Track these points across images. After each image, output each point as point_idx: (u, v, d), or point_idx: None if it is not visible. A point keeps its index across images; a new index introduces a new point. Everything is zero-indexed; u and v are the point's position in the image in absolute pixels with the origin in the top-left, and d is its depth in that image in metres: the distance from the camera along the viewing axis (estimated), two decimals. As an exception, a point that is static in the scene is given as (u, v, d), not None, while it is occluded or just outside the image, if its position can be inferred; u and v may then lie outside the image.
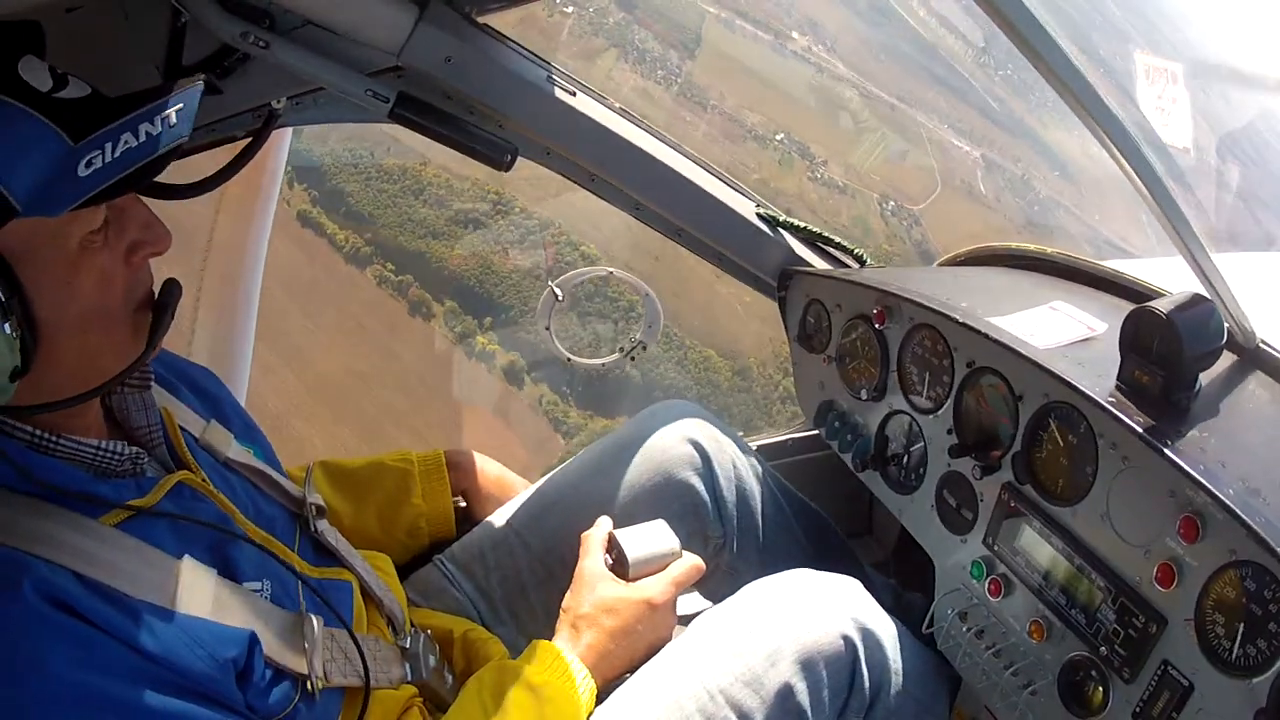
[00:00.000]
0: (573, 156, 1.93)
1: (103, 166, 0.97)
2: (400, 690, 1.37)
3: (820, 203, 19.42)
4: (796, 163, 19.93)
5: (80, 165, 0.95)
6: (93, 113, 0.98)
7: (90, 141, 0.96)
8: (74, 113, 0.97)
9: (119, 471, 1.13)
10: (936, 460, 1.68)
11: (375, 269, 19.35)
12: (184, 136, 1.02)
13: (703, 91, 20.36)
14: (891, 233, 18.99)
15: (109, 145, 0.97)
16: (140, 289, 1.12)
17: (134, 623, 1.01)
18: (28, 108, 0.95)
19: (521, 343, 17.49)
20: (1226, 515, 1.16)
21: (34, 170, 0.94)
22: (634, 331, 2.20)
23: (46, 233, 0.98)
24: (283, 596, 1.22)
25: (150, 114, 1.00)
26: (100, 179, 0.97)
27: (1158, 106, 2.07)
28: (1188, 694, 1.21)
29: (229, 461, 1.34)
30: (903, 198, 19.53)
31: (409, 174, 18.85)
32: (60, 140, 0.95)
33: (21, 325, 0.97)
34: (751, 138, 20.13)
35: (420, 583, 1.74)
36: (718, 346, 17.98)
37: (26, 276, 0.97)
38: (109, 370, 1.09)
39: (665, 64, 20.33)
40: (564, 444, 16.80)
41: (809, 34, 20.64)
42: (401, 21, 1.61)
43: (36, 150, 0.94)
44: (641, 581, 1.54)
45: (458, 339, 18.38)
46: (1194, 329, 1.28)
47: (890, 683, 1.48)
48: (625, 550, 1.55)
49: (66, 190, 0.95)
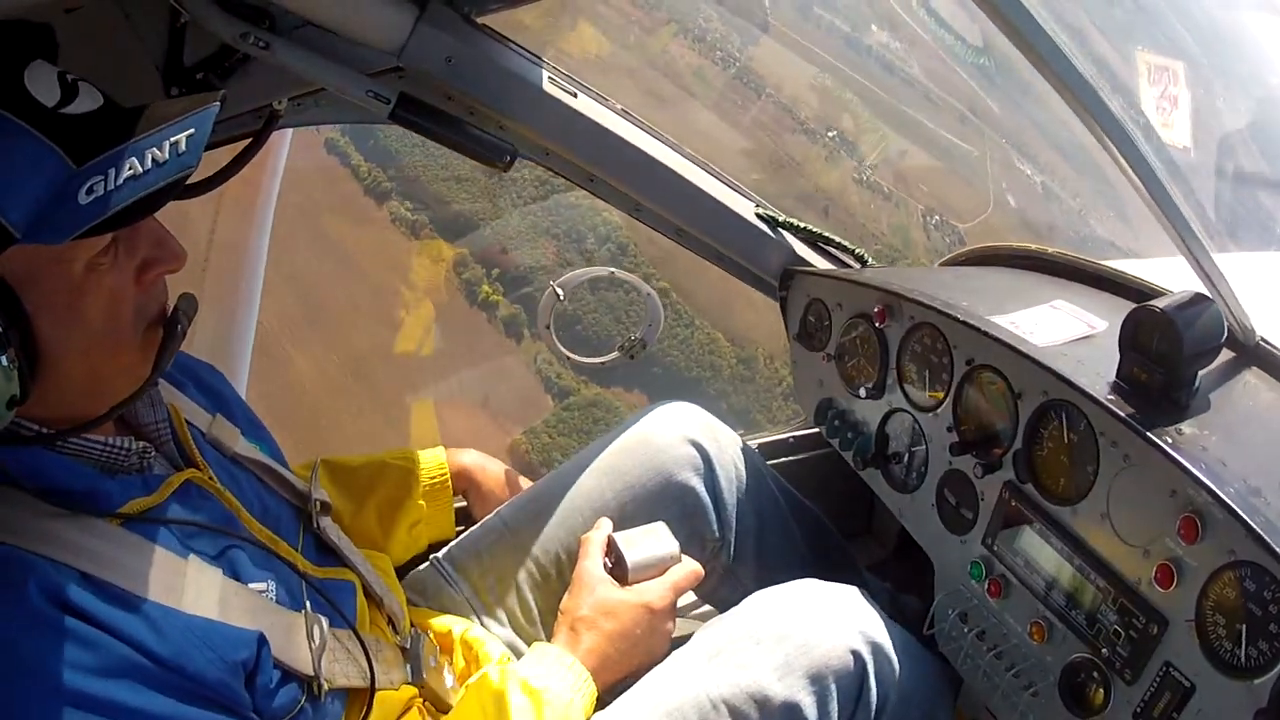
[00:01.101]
0: (572, 157, 1.93)
1: (104, 194, 0.93)
2: (400, 690, 1.37)
3: (862, 206, 19.24)
4: (844, 162, 19.69)
5: (81, 192, 0.92)
6: (99, 131, 0.95)
7: (93, 166, 0.93)
8: (78, 131, 0.94)
9: (125, 467, 1.13)
10: (937, 458, 1.68)
11: (393, 204, 19.30)
12: (192, 167, 0.99)
13: (760, 79, 20.04)
14: (932, 246, 18.75)
15: (112, 171, 0.94)
16: (153, 306, 1.09)
17: (141, 624, 1.00)
18: (29, 126, 0.92)
19: (526, 299, 17.40)
20: (1226, 515, 1.16)
21: (33, 195, 0.91)
22: (634, 330, 2.20)
23: (50, 257, 0.96)
24: (287, 597, 1.22)
25: (160, 138, 0.97)
26: (102, 207, 0.93)
27: (1159, 105, 2.07)
28: (1189, 695, 1.21)
29: (236, 456, 1.34)
30: (949, 213, 19.23)
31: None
32: (61, 163, 0.92)
33: (20, 356, 0.95)
34: (802, 130, 19.85)
35: (419, 582, 1.74)
36: (727, 331, 17.87)
37: (30, 301, 0.95)
38: (120, 388, 1.07)
39: (726, 45, 19.93)
40: (552, 405, 16.71)
41: (886, 30, 20.08)
42: (401, 22, 1.61)
43: (35, 174, 0.91)
44: (641, 585, 1.54)
45: (463, 285, 18.26)
46: (1194, 327, 1.28)
47: (895, 691, 1.48)
48: (625, 554, 1.55)
49: (67, 218, 0.92)
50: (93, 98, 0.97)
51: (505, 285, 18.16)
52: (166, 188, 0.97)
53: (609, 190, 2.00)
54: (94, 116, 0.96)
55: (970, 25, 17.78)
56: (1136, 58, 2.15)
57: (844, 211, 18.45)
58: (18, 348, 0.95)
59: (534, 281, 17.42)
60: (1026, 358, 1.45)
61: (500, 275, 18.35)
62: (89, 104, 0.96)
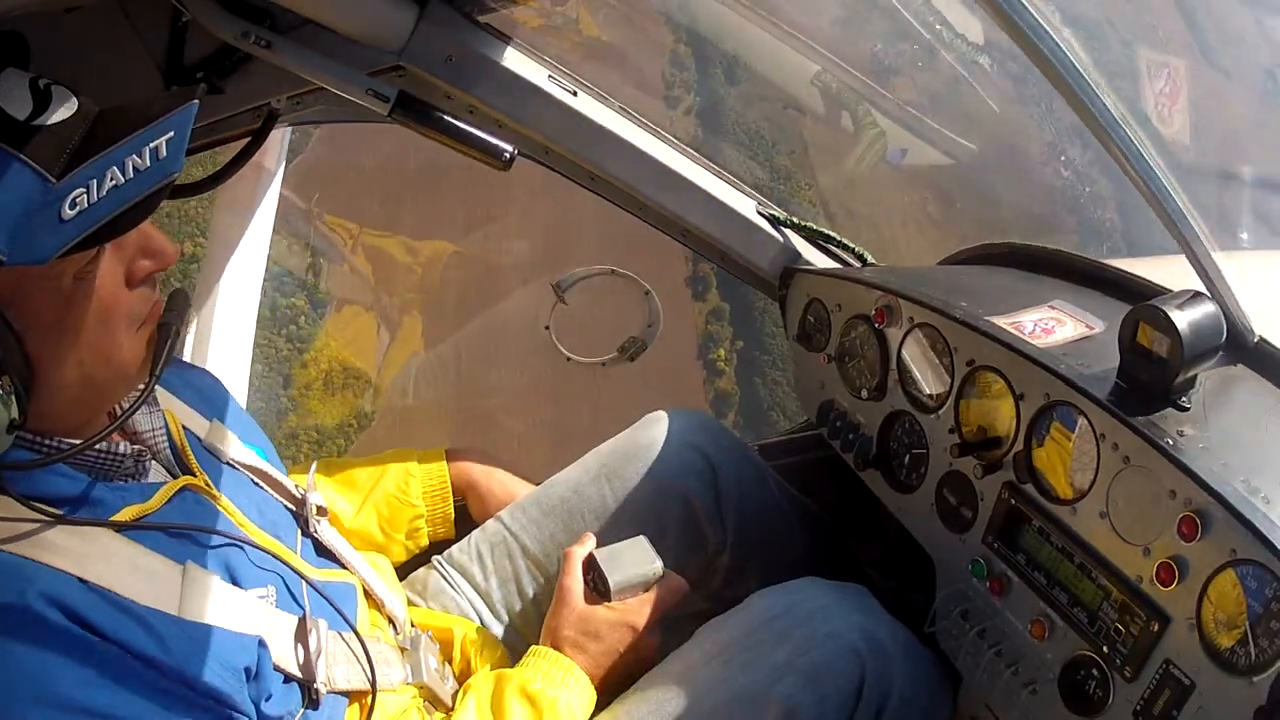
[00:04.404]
0: (573, 156, 1.93)
1: (88, 208, 0.90)
2: (400, 691, 1.37)
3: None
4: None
5: (64, 206, 0.89)
6: (75, 141, 0.92)
7: (73, 179, 0.90)
8: (55, 143, 0.91)
9: (122, 474, 1.12)
10: (937, 459, 1.68)
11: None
12: (175, 172, 0.95)
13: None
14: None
15: (94, 183, 0.91)
16: (145, 307, 1.07)
17: (141, 632, 0.99)
18: (5, 145, 0.88)
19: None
20: (1227, 514, 1.16)
21: (13, 216, 0.87)
22: (634, 330, 2.19)
23: (36, 274, 0.93)
24: (288, 601, 1.21)
25: (138, 144, 0.93)
26: (86, 222, 0.91)
27: (1159, 102, 2.07)
28: (1189, 692, 1.21)
29: (233, 462, 1.33)
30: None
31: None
32: (39, 180, 0.89)
33: (14, 380, 0.93)
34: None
35: (419, 583, 1.74)
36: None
37: (18, 320, 0.94)
38: (117, 393, 1.06)
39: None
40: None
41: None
42: (402, 21, 1.61)
43: (13, 193, 0.88)
44: (624, 604, 1.54)
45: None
46: (1194, 327, 1.28)
47: (895, 692, 1.48)
48: (606, 573, 1.55)
49: (51, 237, 0.89)
50: (66, 103, 0.93)
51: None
52: (152, 195, 0.94)
53: (610, 189, 2.00)
54: (69, 125, 0.93)
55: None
56: (1136, 55, 2.15)
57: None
58: (12, 372, 0.93)
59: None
60: (1027, 359, 1.45)
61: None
62: (63, 112, 0.93)
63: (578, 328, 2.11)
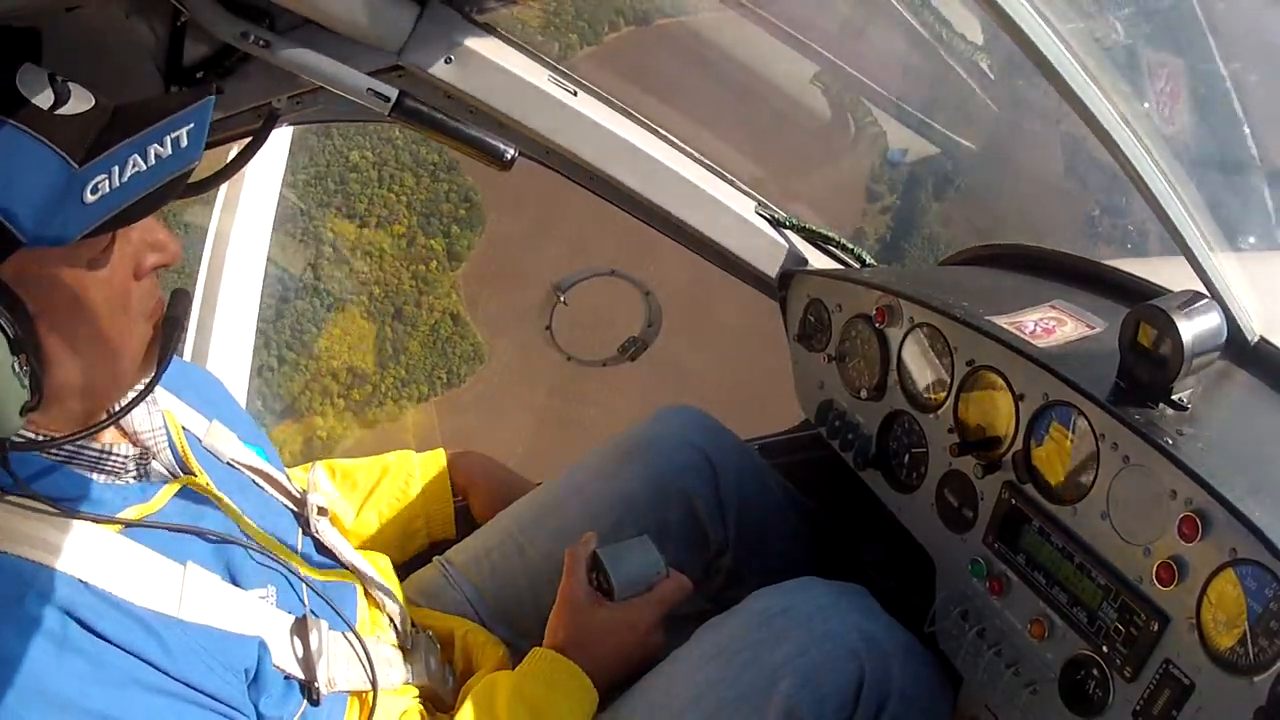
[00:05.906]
0: (573, 156, 1.92)
1: (110, 192, 0.93)
2: (401, 691, 1.37)
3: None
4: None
5: (86, 191, 0.92)
6: (98, 130, 0.95)
7: (96, 165, 0.93)
8: (78, 131, 0.94)
9: (122, 474, 1.12)
10: (937, 459, 1.68)
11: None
12: (195, 160, 0.99)
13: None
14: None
15: (116, 169, 0.94)
16: (149, 302, 1.09)
17: (142, 633, 1.00)
18: (30, 130, 0.91)
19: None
20: (1227, 514, 1.16)
21: (38, 198, 0.90)
22: (634, 330, 2.20)
23: (53, 258, 0.96)
24: (288, 601, 1.21)
25: (159, 134, 0.96)
26: (108, 206, 0.94)
27: (1158, 102, 2.06)
28: (1188, 692, 1.21)
29: (233, 462, 1.33)
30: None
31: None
32: (64, 165, 0.92)
33: (30, 360, 0.95)
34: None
35: (420, 583, 1.74)
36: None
37: (34, 303, 0.95)
38: (119, 389, 1.07)
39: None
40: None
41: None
42: (401, 21, 1.61)
43: (40, 177, 0.91)
44: (628, 604, 1.54)
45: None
46: (1194, 327, 1.28)
47: (895, 692, 1.48)
48: (610, 573, 1.55)
49: (73, 219, 0.93)
50: (84, 98, 0.97)
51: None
52: (172, 182, 0.97)
53: (609, 189, 2.00)
54: (90, 116, 0.96)
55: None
56: (1137, 55, 2.15)
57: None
58: (30, 352, 0.95)
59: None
60: (1028, 359, 1.45)
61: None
62: (82, 105, 0.96)
63: (578, 327, 2.11)
